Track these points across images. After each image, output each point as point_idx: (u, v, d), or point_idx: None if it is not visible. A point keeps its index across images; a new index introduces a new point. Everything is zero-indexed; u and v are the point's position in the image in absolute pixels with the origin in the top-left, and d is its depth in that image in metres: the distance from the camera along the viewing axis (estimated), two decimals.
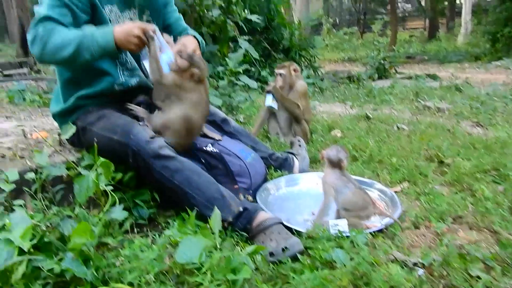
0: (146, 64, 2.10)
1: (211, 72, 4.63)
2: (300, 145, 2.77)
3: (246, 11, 4.72)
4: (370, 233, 1.83)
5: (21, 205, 1.67)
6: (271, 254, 1.65)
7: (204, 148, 2.18)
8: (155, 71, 2.00)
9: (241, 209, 1.84)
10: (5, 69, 9.08)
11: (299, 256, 1.64)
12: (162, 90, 2.05)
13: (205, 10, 4.29)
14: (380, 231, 1.88)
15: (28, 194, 1.80)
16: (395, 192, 2.31)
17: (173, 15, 2.43)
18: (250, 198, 2.14)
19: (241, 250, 1.65)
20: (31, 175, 1.81)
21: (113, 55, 2.07)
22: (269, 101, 3.15)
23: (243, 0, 6.14)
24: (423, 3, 23.11)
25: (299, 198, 2.33)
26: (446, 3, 21.26)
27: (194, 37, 2.30)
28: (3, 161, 1.97)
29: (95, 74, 2.10)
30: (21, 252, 1.29)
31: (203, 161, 2.12)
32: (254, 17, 4.57)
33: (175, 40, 2.20)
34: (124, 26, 1.93)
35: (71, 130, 2.00)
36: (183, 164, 1.91)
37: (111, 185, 1.76)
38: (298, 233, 1.81)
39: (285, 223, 1.84)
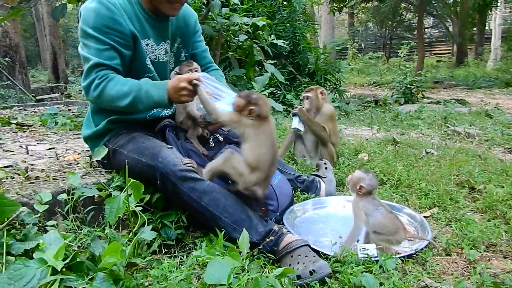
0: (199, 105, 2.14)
1: None
2: (326, 168, 2.76)
3: (272, 36, 4.79)
4: (400, 258, 1.79)
5: (53, 226, 1.70)
6: (299, 277, 1.63)
7: None
8: (211, 112, 1.99)
9: (268, 231, 1.83)
10: (37, 94, 9.46)
11: (327, 279, 1.61)
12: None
13: (232, 36, 4.37)
14: (410, 256, 1.84)
15: (60, 214, 1.83)
16: (425, 217, 2.26)
17: (200, 45, 2.50)
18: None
19: (268, 272, 1.63)
20: (63, 196, 1.84)
21: (165, 107, 2.18)
22: (295, 123, 3.17)
23: (269, 25, 6.25)
24: (450, 29, 22.96)
25: (326, 221, 2.30)
26: (475, 29, 21.07)
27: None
28: (37, 182, 2.00)
29: None
30: (54, 271, 1.31)
31: (230, 183, 2.12)
32: (280, 42, 4.63)
33: None
34: (172, 84, 2.00)
35: (103, 152, 2.06)
36: (211, 186, 1.92)
37: (140, 206, 1.79)
38: (325, 256, 1.79)
39: (312, 245, 1.82)
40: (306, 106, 3.22)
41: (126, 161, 1.90)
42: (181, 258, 1.82)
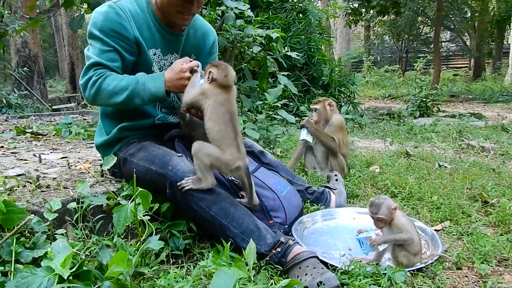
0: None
1: (250, 106, 4.71)
2: (337, 180, 2.75)
3: (286, 48, 4.82)
4: (410, 272, 1.77)
5: (62, 234, 1.71)
6: None
7: (239, 183, 2.19)
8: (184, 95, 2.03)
9: (276, 242, 1.83)
10: (54, 104, 9.66)
11: None
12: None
13: (246, 47, 4.41)
14: (420, 270, 1.82)
15: (69, 223, 1.85)
16: (436, 231, 2.23)
17: None
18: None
19: (275, 283, 1.62)
20: (73, 205, 1.86)
21: (162, 100, 2.17)
22: (304, 135, 3.18)
23: (284, 38, 6.29)
24: (468, 43, 22.77)
25: (336, 233, 2.29)
26: (493, 43, 20.85)
27: None
28: (48, 191, 2.03)
29: (135, 111, 2.21)
30: (61, 280, 1.32)
31: (240, 195, 2.12)
32: (293, 54, 4.65)
33: None
34: (173, 67, 2.04)
35: (112, 161, 2.07)
36: (220, 196, 1.93)
37: (149, 215, 1.80)
38: (333, 268, 1.77)
39: (320, 257, 1.81)
40: (314, 118, 3.24)
41: (135, 169, 1.93)
42: (188, 268, 1.82)
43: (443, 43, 24.75)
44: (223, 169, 1.94)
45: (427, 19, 22.34)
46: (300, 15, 8.26)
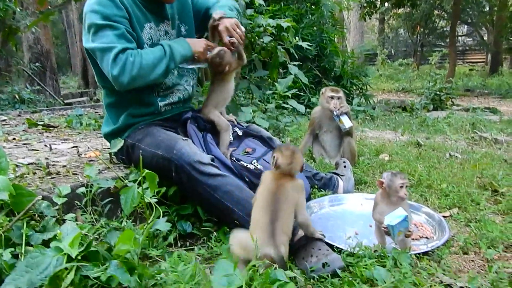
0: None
1: (260, 96, 4.71)
2: (345, 166, 2.75)
3: (297, 38, 4.79)
4: (415, 255, 1.77)
5: (71, 218, 1.74)
6: (311, 269, 1.64)
7: (248, 166, 2.20)
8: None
9: None
10: (66, 99, 9.74)
11: (339, 272, 1.61)
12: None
13: (257, 37, 4.39)
14: (426, 254, 1.82)
15: (79, 207, 1.89)
16: (444, 217, 2.22)
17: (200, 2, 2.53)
18: None
19: None
20: (82, 190, 1.89)
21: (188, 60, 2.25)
22: (348, 122, 3.09)
23: (296, 28, 6.25)
24: (485, 38, 22.36)
25: (343, 218, 2.29)
26: (511, 38, 20.44)
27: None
28: (58, 177, 2.07)
29: (136, 101, 2.24)
30: (69, 259, 1.35)
31: (247, 180, 2.13)
32: (304, 44, 4.62)
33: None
34: (191, 40, 2.25)
35: (119, 144, 2.09)
36: (225, 179, 1.95)
37: (156, 199, 1.82)
38: (338, 250, 1.79)
39: (326, 240, 1.82)
40: (338, 106, 3.12)
41: (141, 152, 1.96)
42: (194, 251, 1.84)
43: (459, 37, 24.37)
44: (251, 256, 1.58)
45: (443, 13, 21.97)
46: (313, 7, 8.19)
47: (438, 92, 8.68)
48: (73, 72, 21.10)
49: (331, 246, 1.81)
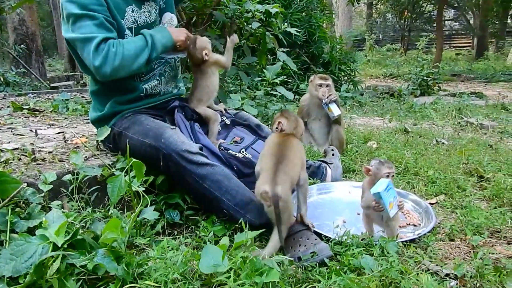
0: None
1: (249, 83, 4.68)
2: (333, 154, 2.76)
3: (286, 24, 4.74)
4: (402, 243, 1.79)
5: (57, 205, 1.72)
6: (299, 258, 1.65)
7: (236, 154, 2.19)
8: None
9: None
10: (53, 82, 9.57)
11: (327, 261, 1.62)
12: None
13: (245, 23, 4.34)
14: (413, 241, 1.84)
15: (65, 195, 1.86)
16: (431, 204, 2.25)
17: None
18: None
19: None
20: (68, 177, 1.87)
21: (169, 51, 2.22)
22: (337, 110, 3.10)
23: (284, 14, 6.19)
24: (471, 22, 22.45)
25: (331, 206, 2.31)
26: (497, 22, 20.55)
27: None
28: (43, 164, 2.04)
29: (120, 87, 2.20)
30: (55, 248, 1.33)
31: (235, 168, 2.13)
32: (293, 30, 4.59)
33: None
34: (172, 29, 2.21)
35: (106, 132, 2.06)
36: (214, 168, 1.94)
37: (144, 187, 1.81)
38: (326, 239, 1.80)
39: (314, 229, 1.83)
40: (326, 93, 3.12)
41: (128, 141, 1.93)
42: (181, 239, 1.84)
43: (446, 22, 24.45)
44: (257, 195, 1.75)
45: None
46: None
47: (425, 78, 8.73)
48: (60, 54, 20.66)
49: (319, 234, 1.82)
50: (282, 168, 1.69)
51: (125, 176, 1.69)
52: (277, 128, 1.88)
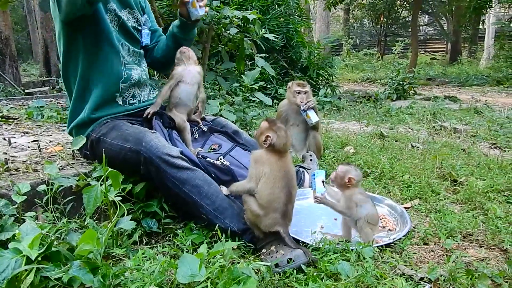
0: None
1: (228, 89, 4.69)
2: (311, 160, 2.79)
3: (264, 30, 4.78)
4: (378, 247, 1.82)
5: (31, 217, 1.69)
6: (277, 265, 1.66)
7: (215, 162, 2.19)
8: None
9: None
10: (28, 88, 9.36)
11: (304, 267, 1.64)
12: None
13: (223, 29, 4.35)
14: (388, 246, 1.87)
15: (39, 206, 1.83)
16: (406, 208, 2.29)
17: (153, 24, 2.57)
18: None
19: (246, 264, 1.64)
20: (42, 187, 1.83)
21: None
22: (315, 116, 3.11)
23: (262, 20, 6.23)
24: (445, 27, 22.99)
25: (309, 212, 2.33)
26: (469, 28, 21.10)
27: None
28: (17, 174, 2.00)
29: (103, 72, 2.19)
30: (29, 261, 1.30)
31: (213, 175, 2.12)
32: (271, 36, 4.62)
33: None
34: None
35: (81, 141, 2.03)
36: (194, 173, 1.94)
37: (121, 196, 1.79)
38: (305, 245, 1.82)
39: (291, 235, 1.84)
40: (304, 100, 3.13)
41: (109, 149, 1.91)
42: (159, 249, 1.83)
43: (421, 27, 24.95)
44: (261, 227, 1.79)
45: (405, 3, 22.40)
46: None
47: (401, 82, 8.89)
48: (35, 59, 20.25)
49: (297, 241, 1.83)
50: (291, 208, 1.82)
51: (101, 185, 1.67)
52: (265, 141, 1.80)
